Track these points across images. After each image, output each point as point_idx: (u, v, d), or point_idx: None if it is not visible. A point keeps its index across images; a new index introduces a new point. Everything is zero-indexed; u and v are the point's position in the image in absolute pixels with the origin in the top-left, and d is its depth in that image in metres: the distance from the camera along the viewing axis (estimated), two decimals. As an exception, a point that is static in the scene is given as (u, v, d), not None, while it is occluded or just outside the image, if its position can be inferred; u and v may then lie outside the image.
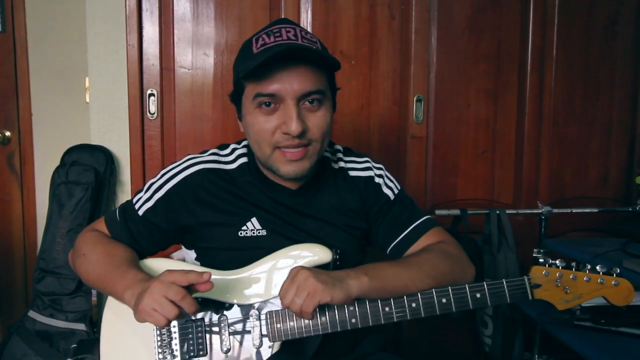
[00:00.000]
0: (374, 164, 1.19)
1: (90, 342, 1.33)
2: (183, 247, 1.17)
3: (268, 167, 1.06)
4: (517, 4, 2.05)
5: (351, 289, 0.94)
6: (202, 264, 1.11)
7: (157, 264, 1.08)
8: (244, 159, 1.13)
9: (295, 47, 0.96)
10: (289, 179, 1.06)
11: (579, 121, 2.14)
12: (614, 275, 1.00)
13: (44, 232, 1.89)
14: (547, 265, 1.01)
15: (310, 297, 0.90)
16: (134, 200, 1.12)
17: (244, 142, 1.15)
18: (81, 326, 1.81)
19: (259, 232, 1.07)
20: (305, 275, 0.92)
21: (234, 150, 1.15)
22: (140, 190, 1.13)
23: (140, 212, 1.10)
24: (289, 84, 0.97)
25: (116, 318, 1.05)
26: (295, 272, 0.94)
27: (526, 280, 1.01)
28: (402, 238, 1.13)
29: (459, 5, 2.02)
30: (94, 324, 1.83)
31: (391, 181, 1.18)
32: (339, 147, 1.22)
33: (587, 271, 1.01)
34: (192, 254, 1.14)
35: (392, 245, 1.14)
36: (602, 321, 1.33)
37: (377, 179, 1.16)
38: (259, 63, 0.95)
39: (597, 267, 1.01)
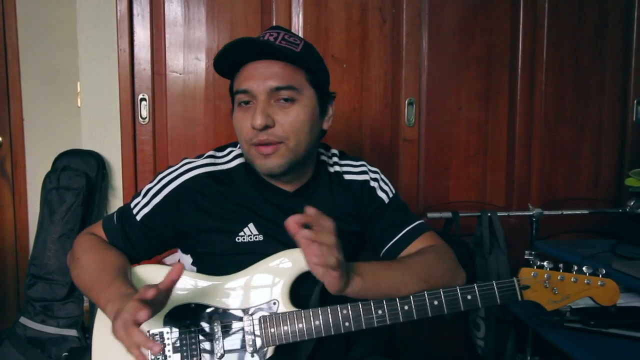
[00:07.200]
0: (369, 167, 1.20)
1: (82, 349, 1.32)
2: (179, 251, 1.17)
3: (250, 164, 1.08)
4: (507, 7, 2.06)
5: (348, 287, 0.93)
6: (198, 270, 1.11)
7: (149, 271, 1.07)
8: (241, 159, 1.14)
9: (249, 40, 1.01)
10: (265, 175, 1.08)
11: (570, 123, 2.16)
12: (600, 276, 1.03)
13: (35, 238, 1.88)
14: (535, 266, 1.04)
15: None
16: (132, 205, 1.12)
17: None
18: (73, 332, 1.80)
19: (255, 238, 1.07)
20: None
21: (230, 151, 1.16)
22: (138, 195, 1.13)
23: (138, 217, 1.10)
24: (258, 79, 1.02)
25: (107, 326, 1.04)
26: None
27: (515, 281, 1.03)
28: (395, 241, 1.14)
29: (450, 9, 2.03)
30: (86, 330, 1.81)
31: (386, 185, 1.19)
32: (335, 151, 1.23)
33: (574, 272, 1.04)
34: (188, 259, 1.13)
35: (385, 249, 1.15)
36: (591, 323, 1.34)
37: (372, 183, 1.17)
38: (219, 54, 1.02)
39: (584, 268, 1.04)
